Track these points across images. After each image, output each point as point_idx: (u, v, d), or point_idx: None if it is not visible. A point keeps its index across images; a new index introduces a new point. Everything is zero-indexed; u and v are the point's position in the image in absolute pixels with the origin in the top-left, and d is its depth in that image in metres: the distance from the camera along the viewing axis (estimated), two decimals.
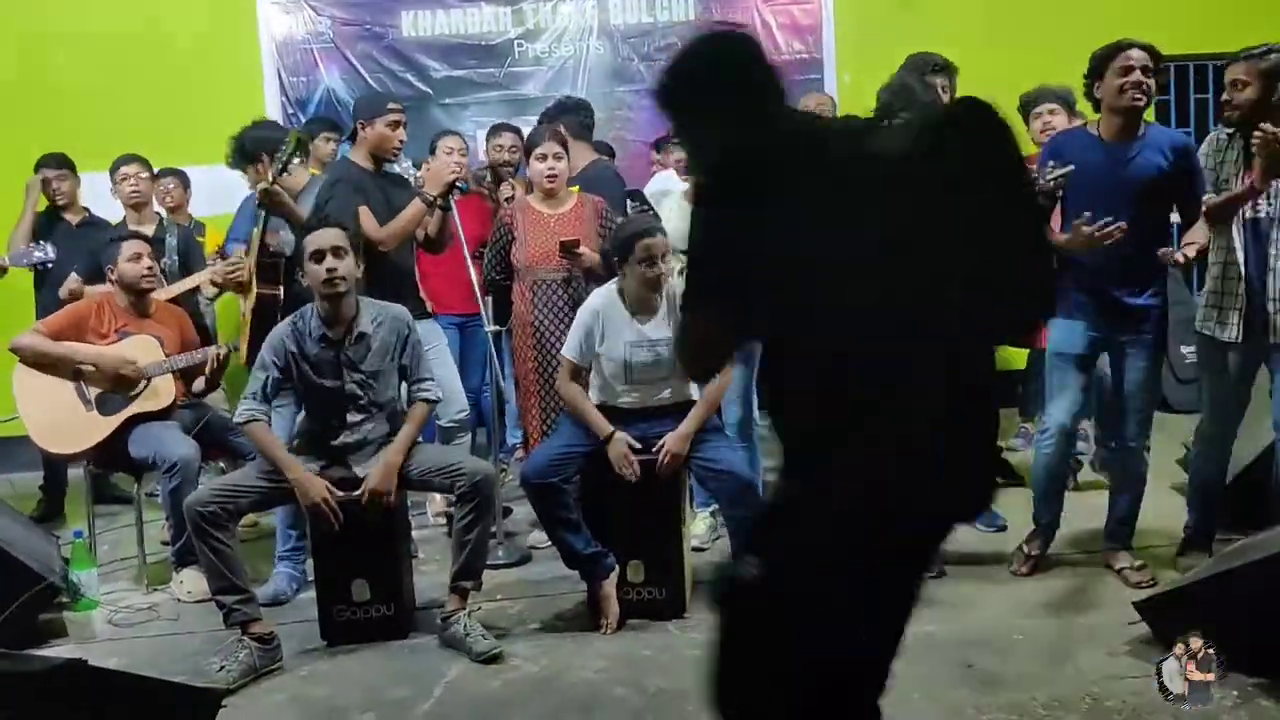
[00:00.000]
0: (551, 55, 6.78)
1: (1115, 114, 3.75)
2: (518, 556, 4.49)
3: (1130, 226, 3.63)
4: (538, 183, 4.48)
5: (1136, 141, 3.74)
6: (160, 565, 4.52)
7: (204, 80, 6.56)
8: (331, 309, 3.70)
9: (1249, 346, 3.78)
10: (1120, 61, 3.69)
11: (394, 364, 3.81)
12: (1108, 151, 3.74)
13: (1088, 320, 3.86)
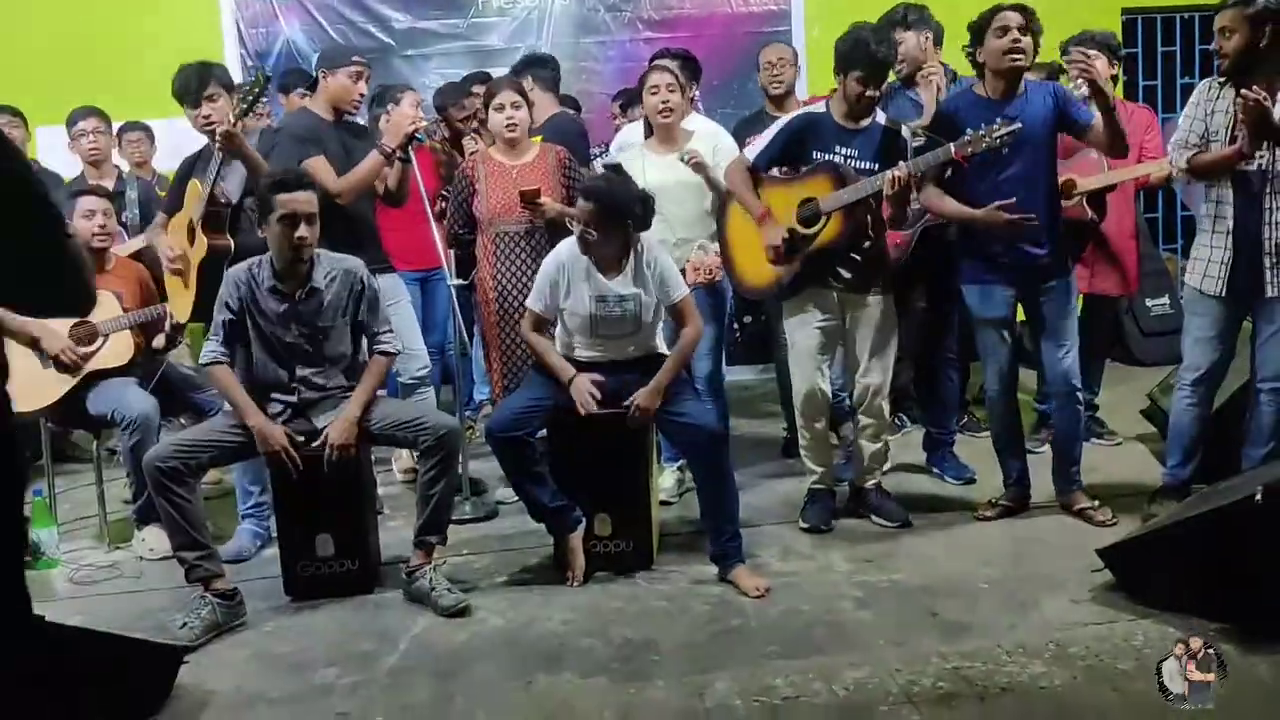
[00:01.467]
0: (516, 6, 6.68)
1: (998, 75, 3.85)
2: (484, 512, 4.48)
3: (1026, 179, 3.79)
4: (498, 133, 4.42)
5: (1019, 98, 3.83)
6: (121, 523, 4.47)
7: (162, 32, 6.41)
8: (290, 269, 3.64)
9: (1234, 300, 3.80)
10: (997, 23, 3.80)
11: (346, 320, 3.75)
12: (996, 110, 3.79)
13: (1002, 281, 3.95)
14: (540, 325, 3.88)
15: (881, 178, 3.74)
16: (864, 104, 3.90)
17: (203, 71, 4.25)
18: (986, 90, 3.90)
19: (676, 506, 4.46)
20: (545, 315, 3.85)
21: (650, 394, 3.74)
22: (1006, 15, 3.79)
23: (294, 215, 3.55)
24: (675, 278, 3.87)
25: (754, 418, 5.80)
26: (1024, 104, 3.81)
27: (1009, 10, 3.80)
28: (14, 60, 6.42)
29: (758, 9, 6.71)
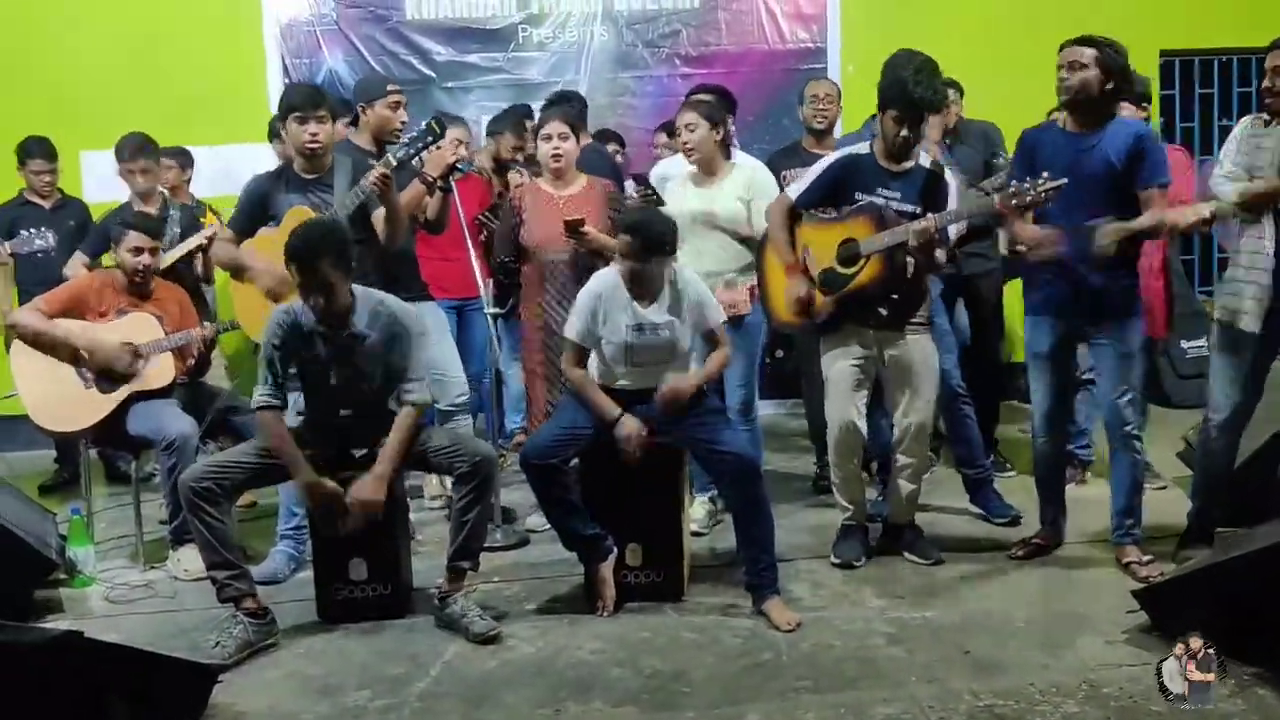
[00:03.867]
0: (556, 40, 6.75)
1: (1063, 106, 3.87)
2: (516, 539, 4.49)
3: (1091, 216, 3.72)
4: (544, 162, 4.48)
5: (1097, 133, 3.78)
6: (158, 543, 4.51)
7: (207, 62, 6.54)
8: (317, 311, 3.62)
9: (1268, 338, 3.77)
10: (1059, 57, 3.82)
11: (385, 361, 3.72)
12: (1069, 143, 3.80)
13: (1055, 315, 3.91)
14: (581, 357, 3.87)
15: (912, 226, 3.75)
16: (900, 144, 3.91)
17: (316, 91, 4.31)
18: (1064, 123, 3.89)
19: (708, 538, 4.46)
20: (584, 345, 3.86)
21: (685, 379, 3.77)
22: (1062, 53, 3.79)
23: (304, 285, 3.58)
24: (711, 303, 3.90)
25: (785, 452, 5.79)
26: (1100, 138, 3.76)
27: (1068, 46, 3.78)
28: (62, 87, 6.55)
29: (794, 46, 6.75)
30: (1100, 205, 3.73)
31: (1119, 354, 3.87)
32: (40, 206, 5.66)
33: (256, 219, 4.26)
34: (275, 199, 4.19)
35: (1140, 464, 3.98)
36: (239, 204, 4.38)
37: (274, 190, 4.21)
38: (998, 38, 6.52)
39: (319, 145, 4.13)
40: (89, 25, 6.63)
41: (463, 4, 6.70)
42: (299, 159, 4.21)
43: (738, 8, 6.73)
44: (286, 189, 4.19)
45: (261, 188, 4.25)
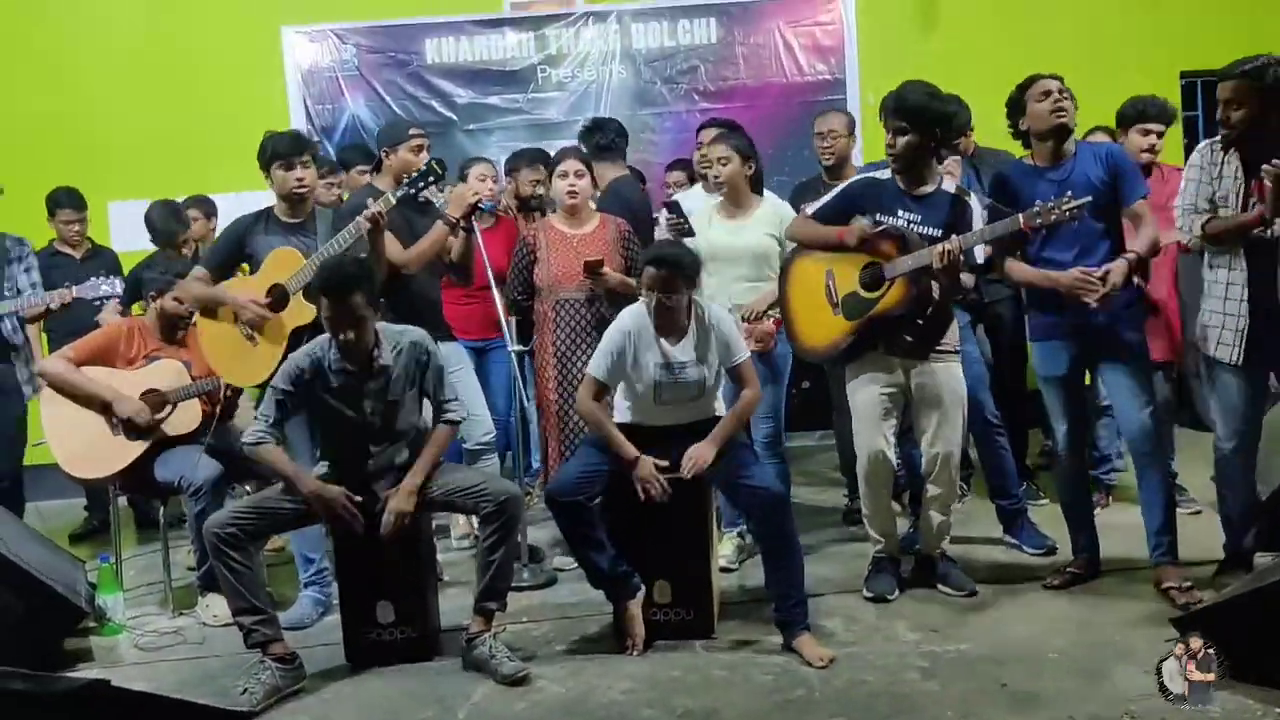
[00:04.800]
0: (574, 80, 6.82)
1: (1044, 138, 3.84)
2: (543, 579, 4.46)
3: (1077, 243, 3.74)
4: (559, 199, 4.49)
5: (1069, 161, 3.81)
6: (188, 589, 4.52)
7: (230, 109, 6.63)
8: (347, 347, 3.65)
9: (1253, 367, 3.74)
10: (1037, 89, 3.82)
11: (415, 391, 3.77)
12: (1044, 177, 3.80)
13: (1064, 339, 3.89)
14: (599, 392, 3.84)
15: (936, 249, 3.74)
16: (897, 156, 3.87)
17: (299, 137, 4.34)
18: (1034, 159, 3.90)
19: (737, 574, 4.41)
20: (607, 383, 3.83)
21: (706, 446, 3.72)
22: (1046, 81, 3.82)
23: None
24: (737, 340, 3.87)
25: (814, 484, 5.75)
26: (1072, 166, 3.79)
27: (1047, 78, 3.82)
28: (90, 137, 6.68)
29: (812, 78, 6.78)
30: (1088, 227, 3.72)
31: (1131, 370, 3.85)
32: (71, 256, 5.73)
33: (233, 258, 4.26)
34: (254, 241, 4.19)
35: (1169, 479, 3.95)
36: (217, 242, 4.41)
37: (253, 232, 4.22)
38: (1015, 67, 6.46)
39: (306, 189, 4.18)
40: (115, 76, 6.78)
41: (482, 47, 6.78)
42: (283, 204, 4.23)
43: (755, 42, 6.78)
44: (266, 232, 4.20)
45: (241, 229, 4.25)
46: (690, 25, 6.79)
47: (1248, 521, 3.92)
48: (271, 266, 4.14)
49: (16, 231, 5.20)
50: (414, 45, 6.76)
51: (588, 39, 6.79)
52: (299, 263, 4.09)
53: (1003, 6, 6.85)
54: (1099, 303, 3.64)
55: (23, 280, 5.00)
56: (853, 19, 6.75)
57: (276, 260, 4.12)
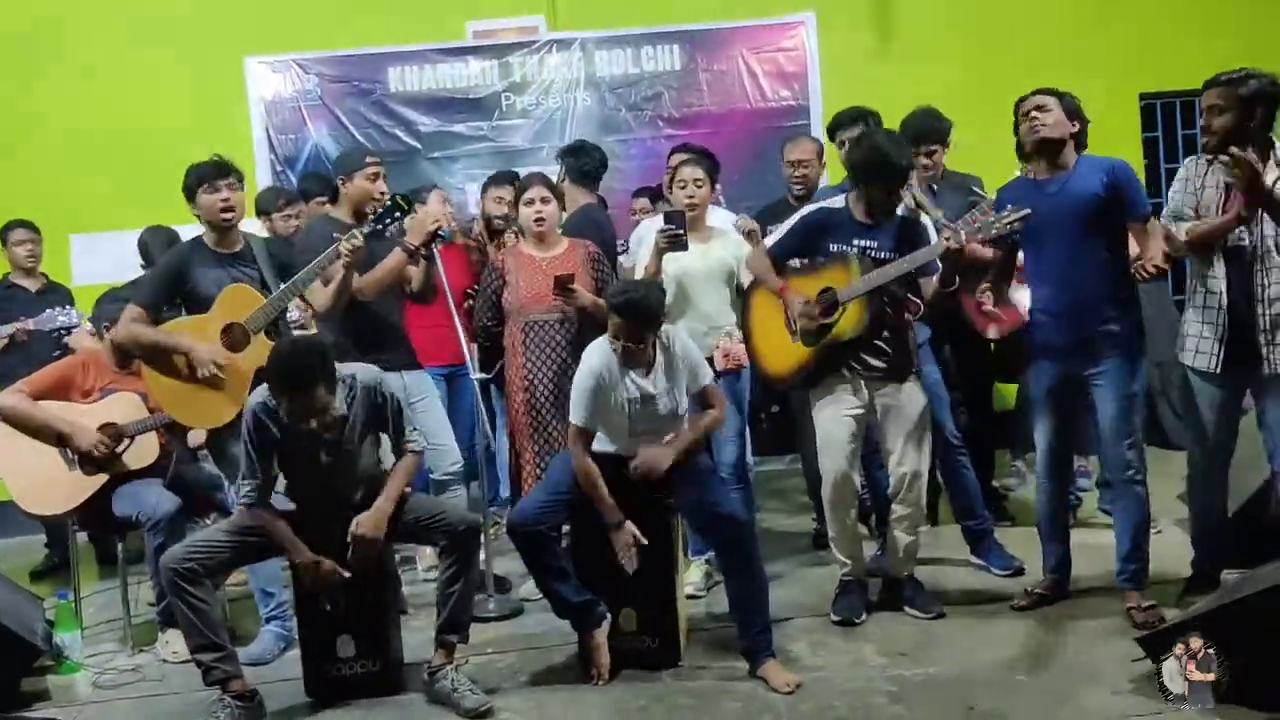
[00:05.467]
0: (539, 107, 6.81)
1: (1034, 154, 3.87)
2: (509, 609, 4.41)
3: (1077, 256, 3.73)
4: (526, 226, 4.48)
5: (1063, 175, 3.81)
6: (147, 626, 4.44)
7: (193, 140, 6.52)
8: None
9: (1231, 377, 3.76)
10: (1020, 110, 3.88)
11: (371, 433, 3.70)
12: (1039, 189, 3.82)
13: (1054, 357, 3.88)
14: (588, 440, 3.77)
15: (899, 265, 3.79)
16: (885, 208, 3.93)
17: (223, 160, 4.20)
18: (1034, 174, 3.91)
19: (703, 601, 4.37)
20: (589, 428, 3.77)
21: (664, 449, 3.70)
22: (1026, 100, 3.86)
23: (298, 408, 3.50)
24: (702, 364, 3.86)
25: (782, 508, 5.73)
26: (1066, 180, 3.79)
27: (1031, 95, 3.85)
28: (48, 169, 6.61)
29: (775, 104, 6.80)
30: (1086, 240, 3.74)
31: (1120, 396, 3.82)
32: (27, 290, 5.66)
33: (170, 293, 4.13)
34: (192, 273, 4.08)
35: (1145, 507, 3.90)
36: (152, 277, 4.27)
37: (189, 264, 4.10)
38: (976, 91, 6.54)
39: (232, 212, 4.09)
40: (74, 107, 6.70)
41: (446, 75, 6.77)
42: (212, 233, 4.13)
43: (719, 68, 6.80)
44: (203, 264, 4.10)
45: (177, 262, 4.14)
46: (654, 52, 6.80)
47: (1216, 539, 3.93)
48: (226, 305, 4.04)
49: None
50: (377, 74, 6.74)
51: (552, 66, 6.79)
52: (255, 300, 4.03)
53: (963, 32, 6.92)
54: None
55: None
56: (815, 45, 6.78)
57: (232, 298, 4.03)
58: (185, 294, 4.11)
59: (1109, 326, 3.77)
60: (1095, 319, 3.77)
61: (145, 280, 4.27)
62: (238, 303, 4.03)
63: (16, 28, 6.72)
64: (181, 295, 4.12)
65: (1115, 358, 3.80)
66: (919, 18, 6.95)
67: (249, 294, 4.03)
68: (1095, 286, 3.75)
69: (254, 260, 4.14)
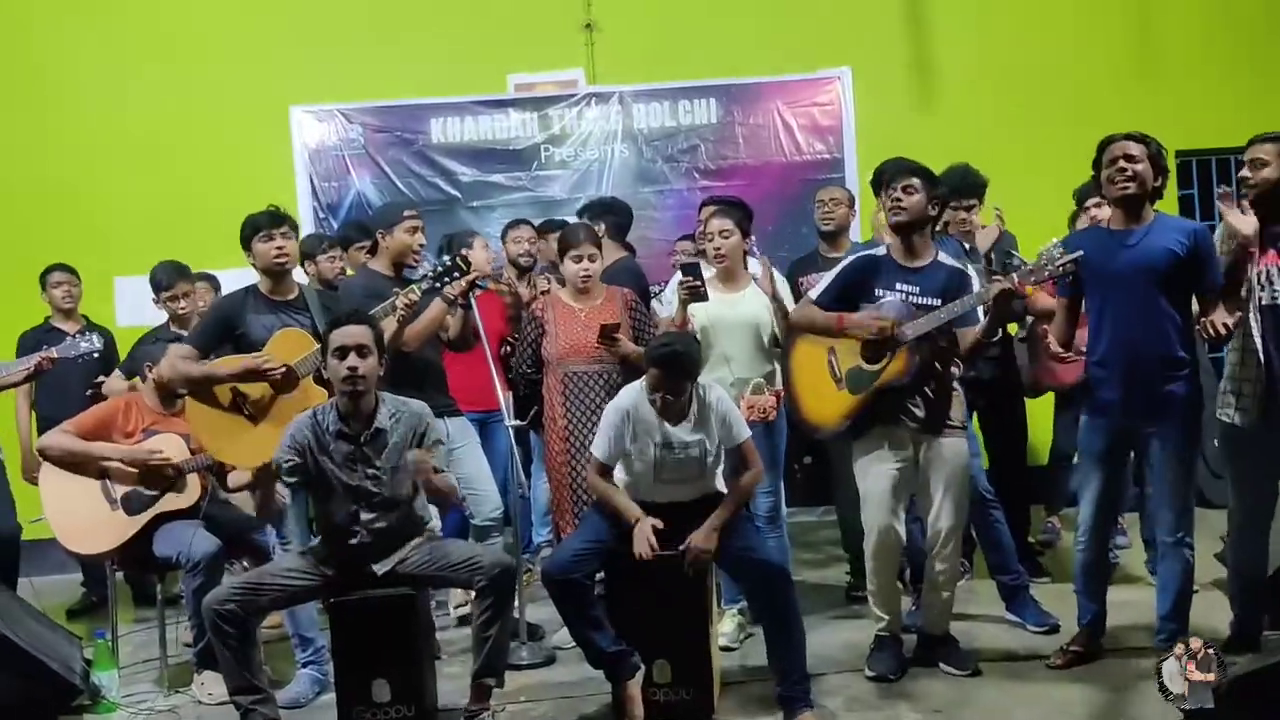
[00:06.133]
0: (577, 159, 6.90)
1: (1113, 204, 3.84)
2: (542, 657, 4.41)
3: (1143, 312, 3.69)
4: (572, 281, 4.53)
5: (1141, 228, 3.77)
6: (183, 667, 4.47)
7: (238, 186, 6.68)
8: (350, 405, 3.69)
9: (1270, 433, 3.73)
10: (1107, 154, 3.80)
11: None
12: (1114, 239, 3.79)
13: (1109, 415, 3.85)
14: (606, 471, 3.86)
15: (950, 309, 3.78)
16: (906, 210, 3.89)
17: (278, 210, 4.34)
18: (1110, 222, 3.87)
19: (737, 653, 4.36)
20: (609, 464, 3.84)
21: (707, 534, 3.71)
22: (1115, 146, 3.77)
23: (344, 347, 3.62)
24: (738, 419, 3.88)
25: (815, 560, 5.71)
26: (1144, 234, 3.74)
27: (1121, 140, 3.78)
28: (95, 214, 6.76)
29: (811, 157, 6.85)
30: (1154, 298, 3.71)
31: (1177, 458, 3.78)
32: (65, 332, 5.74)
33: (221, 337, 4.21)
34: (244, 318, 4.17)
35: (1190, 569, 3.86)
36: (203, 320, 4.38)
37: (242, 310, 4.20)
38: (1012, 144, 6.61)
39: (286, 259, 4.20)
40: (121, 152, 6.87)
41: (486, 127, 6.87)
42: (266, 280, 4.24)
43: (755, 122, 6.86)
44: (256, 310, 4.19)
45: (230, 306, 4.25)
46: (691, 105, 6.89)
47: (1257, 599, 3.89)
48: (278, 347, 4.11)
49: (21, 305, 5.24)
50: (419, 125, 6.85)
51: (590, 119, 6.89)
52: (307, 345, 4.10)
53: (999, 87, 6.96)
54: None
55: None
56: (851, 100, 6.84)
57: (284, 341, 4.11)
58: (236, 338, 4.19)
59: (1170, 386, 3.73)
60: (1157, 377, 3.72)
61: (198, 322, 4.38)
62: (289, 346, 4.11)
63: (68, 74, 6.91)
64: (233, 340, 4.20)
65: (1175, 419, 3.75)
66: (955, 72, 7.01)
67: (301, 338, 4.10)
68: (1159, 344, 3.70)
69: (307, 308, 4.23)
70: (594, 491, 3.91)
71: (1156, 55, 6.99)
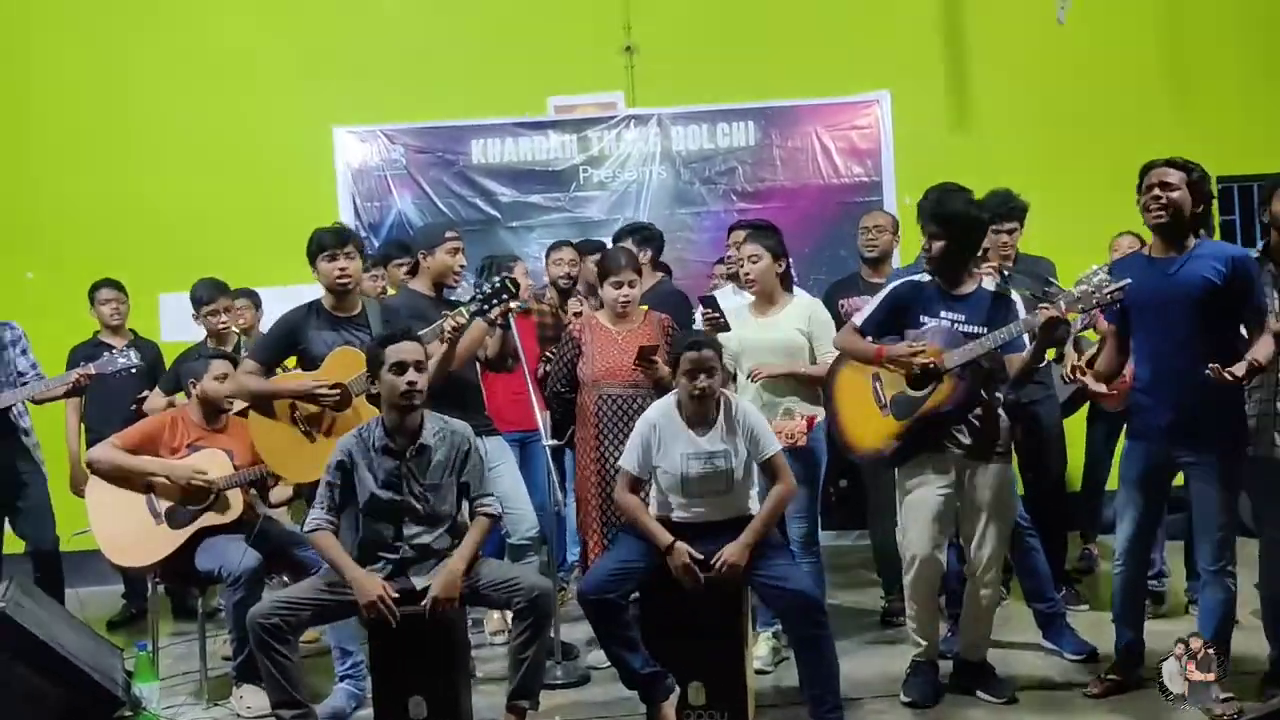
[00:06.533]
0: (615, 180, 6.96)
1: (1153, 231, 3.81)
2: (576, 677, 4.43)
3: (1184, 341, 3.66)
4: (611, 306, 4.57)
5: (1182, 255, 3.74)
6: (222, 680, 4.52)
7: (281, 204, 6.82)
8: (400, 420, 3.73)
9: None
10: (1145, 181, 3.78)
11: (453, 479, 3.81)
12: (1154, 267, 3.77)
13: (1150, 441, 3.82)
14: (635, 487, 3.89)
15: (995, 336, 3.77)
16: (932, 259, 3.93)
17: (343, 229, 4.45)
18: (1151, 250, 3.85)
19: (772, 676, 4.36)
20: (640, 475, 3.88)
21: (739, 549, 3.72)
22: (1154, 172, 3.75)
23: (403, 363, 3.67)
24: (767, 433, 3.90)
25: (850, 584, 5.69)
26: (1183, 262, 3.71)
27: (1160, 166, 3.75)
28: (140, 231, 6.89)
29: (849, 180, 6.86)
30: (1195, 327, 3.68)
31: (1219, 487, 3.75)
32: (113, 347, 5.84)
33: (284, 351, 4.34)
34: (306, 334, 4.27)
35: (1232, 600, 3.82)
36: (268, 334, 4.49)
37: (305, 325, 4.30)
38: (1051, 169, 6.59)
39: (349, 280, 4.29)
40: (165, 170, 7.00)
41: (526, 148, 6.96)
42: (329, 296, 4.34)
43: (792, 145, 6.89)
44: (318, 326, 4.29)
45: (292, 322, 4.33)
46: (729, 128, 6.93)
47: None
48: (335, 365, 4.19)
49: (66, 320, 5.34)
50: (460, 146, 6.94)
51: (629, 141, 6.95)
52: (361, 363, 4.15)
53: (1039, 111, 6.94)
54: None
55: (21, 363, 5.10)
56: (889, 123, 6.86)
57: (341, 359, 4.18)
58: (299, 353, 4.30)
59: (1212, 415, 3.70)
60: (1200, 406, 3.68)
61: (263, 337, 4.49)
62: (345, 364, 4.17)
63: (114, 95, 7.05)
64: (295, 354, 4.31)
65: (1218, 448, 3.73)
66: (994, 95, 7.01)
67: (356, 357, 4.14)
68: (1200, 374, 3.58)
69: (368, 324, 4.31)
70: (622, 510, 3.94)
71: (1195, 79, 6.96)
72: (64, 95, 7.08)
